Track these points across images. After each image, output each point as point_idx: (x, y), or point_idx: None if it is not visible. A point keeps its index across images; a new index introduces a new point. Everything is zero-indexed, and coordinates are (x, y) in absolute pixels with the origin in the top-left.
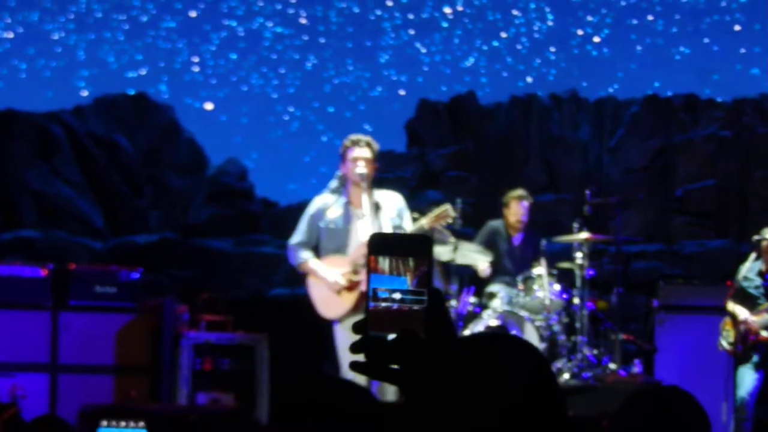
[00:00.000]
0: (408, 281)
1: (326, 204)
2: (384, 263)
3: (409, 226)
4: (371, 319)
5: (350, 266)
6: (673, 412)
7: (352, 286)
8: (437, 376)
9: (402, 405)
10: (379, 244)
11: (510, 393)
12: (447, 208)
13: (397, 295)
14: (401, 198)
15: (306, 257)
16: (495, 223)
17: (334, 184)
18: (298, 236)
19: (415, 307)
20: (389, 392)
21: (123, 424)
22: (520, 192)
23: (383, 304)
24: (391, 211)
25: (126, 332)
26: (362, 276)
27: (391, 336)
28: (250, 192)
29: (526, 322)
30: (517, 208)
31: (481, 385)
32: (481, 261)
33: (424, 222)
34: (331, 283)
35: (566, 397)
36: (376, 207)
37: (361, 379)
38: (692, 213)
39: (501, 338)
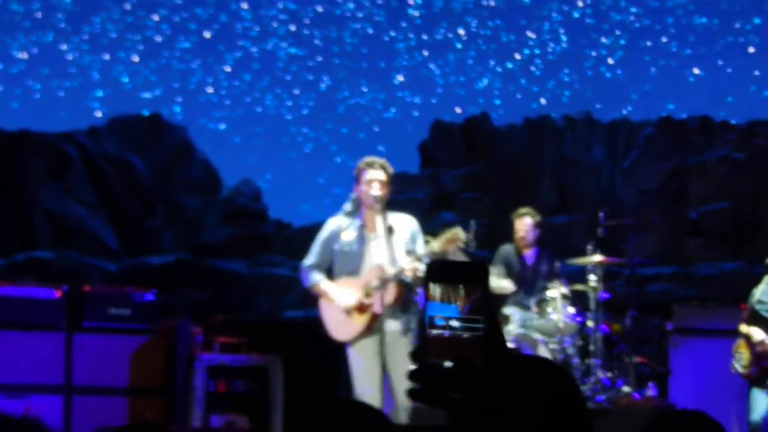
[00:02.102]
0: (459, 308)
1: (340, 226)
2: (435, 290)
3: (421, 250)
4: (429, 347)
5: (362, 289)
6: None
7: (363, 308)
8: (494, 403)
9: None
10: (436, 271)
11: (550, 418)
12: (457, 231)
13: (453, 323)
14: (415, 221)
15: (318, 279)
16: (506, 247)
17: (348, 206)
18: (311, 258)
19: (472, 334)
20: (402, 416)
21: None
22: (522, 210)
23: (440, 332)
24: (404, 234)
25: (140, 354)
26: (374, 299)
27: (449, 363)
28: (263, 213)
29: (540, 344)
30: (519, 224)
31: (528, 409)
32: (503, 281)
33: (435, 245)
34: (341, 303)
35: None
36: (390, 230)
37: (375, 402)
38: (706, 235)
39: (538, 362)
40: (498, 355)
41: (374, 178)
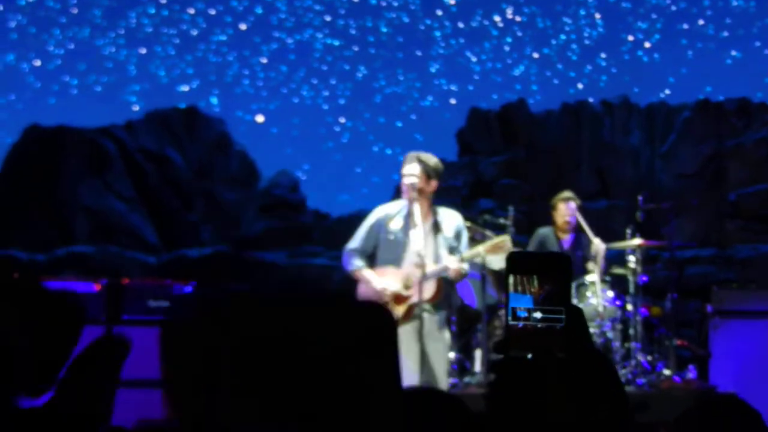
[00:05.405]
0: (533, 299)
1: (388, 215)
2: (511, 281)
3: (465, 247)
4: (510, 338)
5: (402, 281)
6: (731, 423)
7: (401, 300)
8: (575, 394)
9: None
10: (517, 262)
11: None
12: (506, 239)
13: (535, 314)
14: (460, 218)
15: (360, 265)
16: (544, 230)
17: (398, 199)
18: (355, 242)
19: (552, 325)
20: None
21: None
22: (566, 194)
23: (521, 323)
24: (449, 231)
25: None
26: (413, 290)
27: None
28: (302, 204)
29: None
30: (564, 209)
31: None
32: None
33: (481, 249)
34: (378, 290)
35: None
36: (436, 226)
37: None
38: (745, 217)
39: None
40: (578, 346)
41: (408, 170)
